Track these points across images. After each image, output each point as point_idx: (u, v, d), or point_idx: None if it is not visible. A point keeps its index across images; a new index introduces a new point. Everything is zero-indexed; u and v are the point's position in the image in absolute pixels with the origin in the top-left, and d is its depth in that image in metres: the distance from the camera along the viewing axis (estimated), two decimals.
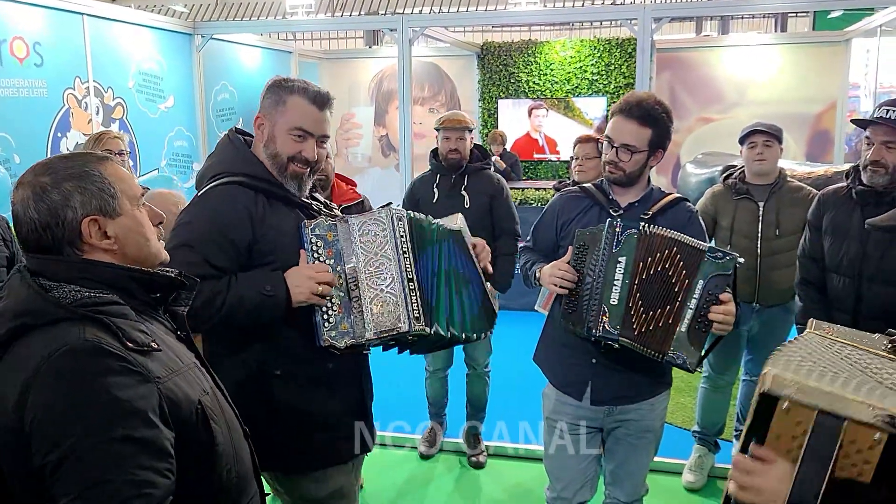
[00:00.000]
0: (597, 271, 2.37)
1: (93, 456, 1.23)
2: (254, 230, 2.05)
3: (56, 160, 1.45)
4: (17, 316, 1.33)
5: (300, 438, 2.14)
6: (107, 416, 1.25)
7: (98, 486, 1.22)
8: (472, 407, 4.15)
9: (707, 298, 2.24)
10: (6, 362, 1.32)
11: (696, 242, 2.29)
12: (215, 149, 2.26)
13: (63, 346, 1.28)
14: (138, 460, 1.26)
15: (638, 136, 2.44)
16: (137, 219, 1.50)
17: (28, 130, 5.44)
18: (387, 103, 10.14)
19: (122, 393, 1.27)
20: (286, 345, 2.11)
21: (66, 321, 1.32)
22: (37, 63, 5.52)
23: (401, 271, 2.10)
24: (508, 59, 9.72)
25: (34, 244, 1.42)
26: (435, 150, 4.04)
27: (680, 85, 8.91)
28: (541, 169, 9.97)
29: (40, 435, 1.25)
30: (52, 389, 1.25)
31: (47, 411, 1.25)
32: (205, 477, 1.43)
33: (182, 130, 7.30)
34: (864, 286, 2.77)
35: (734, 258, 2.26)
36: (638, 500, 2.68)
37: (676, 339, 2.26)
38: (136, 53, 6.66)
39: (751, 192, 3.61)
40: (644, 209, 2.50)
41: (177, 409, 1.37)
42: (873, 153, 2.73)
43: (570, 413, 2.59)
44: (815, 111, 8.54)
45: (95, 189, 1.42)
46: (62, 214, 1.39)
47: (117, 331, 1.34)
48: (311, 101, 2.10)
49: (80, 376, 1.26)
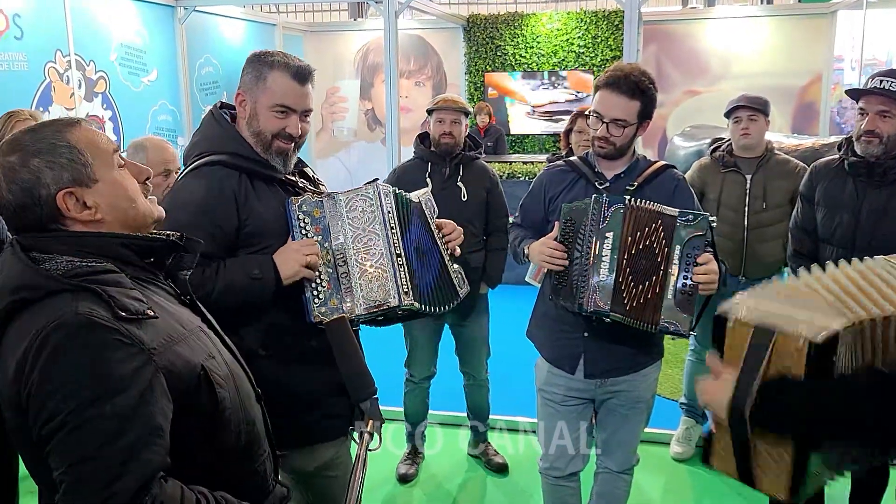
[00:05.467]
0: (584, 247, 2.37)
1: (83, 431, 1.23)
2: (239, 214, 2.05)
3: (22, 135, 1.39)
4: (13, 291, 1.32)
5: (286, 416, 2.14)
6: (98, 391, 1.24)
7: (87, 461, 1.23)
8: (476, 416, 3.94)
9: (687, 262, 2.27)
10: (8, 338, 1.31)
11: (667, 209, 2.31)
12: (200, 125, 2.23)
13: (58, 320, 1.26)
14: (128, 437, 1.25)
15: (628, 110, 2.43)
16: (118, 181, 1.44)
17: (9, 105, 5.31)
18: (372, 77, 10.06)
19: (114, 367, 1.26)
20: (271, 323, 2.11)
21: (60, 293, 1.31)
22: (17, 36, 5.42)
23: (389, 246, 2.11)
24: (495, 31, 9.65)
25: (17, 224, 1.40)
26: (422, 136, 3.69)
27: (666, 57, 8.89)
28: (528, 142, 9.95)
29: (35, 409, 1.25)
30: (44, 365, 1.25)
31: (40, 386, 1.25)
32: (210, 441, 1.43)
33: (166, 104, 7.21)
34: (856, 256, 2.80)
35: (705, 217, 2.28)
36: (629, 469, 2.72)
37: (665, 307, 2.29)
38: (118, 26, 6.54)
39: (738, 164, 3.62)
40: (630, 180, 2.50)
41: (175, 379, 1.36)
42: (868, 123, 2.74)
43: (561, 384, 2.62)
44: (801, 84, 8.54)
45: (65, 161, 1.37)
46: (36, 193, 1.36)
47: (109, 300, 1.31)
48: (292, 76, 2.07)
49: (72, 351, 1.25)
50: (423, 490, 3.71)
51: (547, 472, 2.73)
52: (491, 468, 3.85)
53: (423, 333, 3.68)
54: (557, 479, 2.71)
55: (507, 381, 4.34)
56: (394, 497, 3.65)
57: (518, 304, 4.72)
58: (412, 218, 2.24)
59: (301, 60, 2.11)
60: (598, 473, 2.76)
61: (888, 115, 2.71)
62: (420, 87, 9.90)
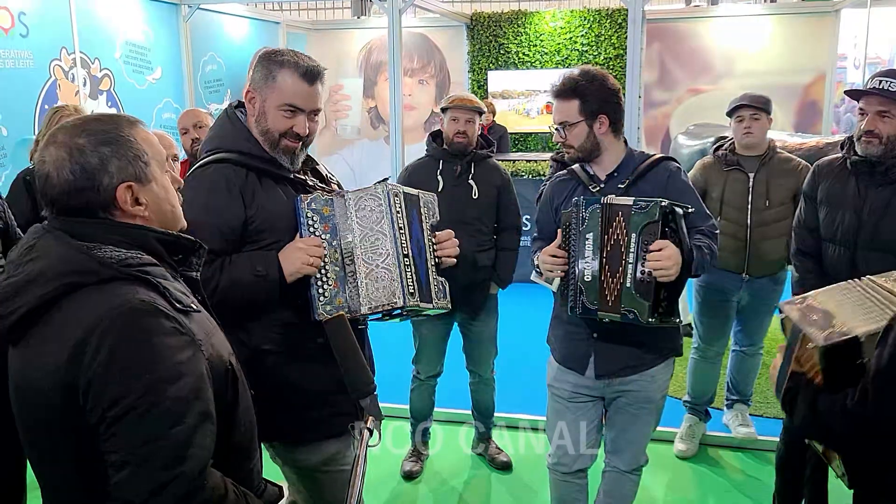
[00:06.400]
0: (572, 251, 2.43)
1: (149, 415, 1.27)
2: (246, 210, 2.07)
3: (90, 122, 1.44)
4: (62, 275, 1.33)
5: (291, 412, 2.16)
6: (163, 376, 1.28)
7: (149, 444, 1.26)
8: (481, 414, 3.95)
9: (644, 250, 2.29)
10: (56, 320, 1.32)
11: (624, 200, 2.36)
12: (214, 123, 2.29)
13: (122, 305, 1.30)
14: (188, 422, 1.29)
15: (566, 111, 2.51)
16: (165, 185, 1.51)
17: (15, 102, 5.38)
18: (376, 75, 10.06)
19: (176, 354, 1.31)
20: (279, 320, 2.13)
21: (116, 280, 1.34)
22: (22, 33, 5.44)
23: (396, 247, 2.12)
24: (498, 29, 9.65)
25: (63, 206, 1.41)
26: (435, 134, 3.69)
27: (669, 56, 8.88)
28: (531, 140, 9.95)
29: (99, 391, 1.27)
30: (112, 348, 1.27)
31: (107, 368, 1.27)
32: (223, 438, 1.45)
33: (170, 102, 7.22)
34: (859, 255, 2.82)
35: (657, 203, 2.29)
36: (637, 469, 2.73)
37: (624, 295, 2.32)
38: (122, 24, 6.56)
39: (741, 163, 3.63)
40: (622, 178, 2.53)
41: (213, 371, 1.40)
42: (867, 123, 2.75)
43: (571, 381, 2.64)
44: (804, 82, 8.53)
45: (132, 155, 1.42)
46: (98, 179, 1.39)
47: (164, 291, 1.36)
48: (301, 76, 2.09)
49: (140, 336, 1.29)
50: (428, 487, 3.72)
51: (554, 468, 2.75)
52: (495, 466, 3.86)
53: (432, 332, 3.68)
54: (564, 474, 2.73)
55: (512, 379, 4.35)
56: (399, 494, 3.67)
57: (524, 303, 4.76)
58: (413, 215, 2.24)
59: (311, 60, 2.13)
60: (605, 472, 2.77)
61: (887, 115, 2.71)
62: (423, 85, 9.90)
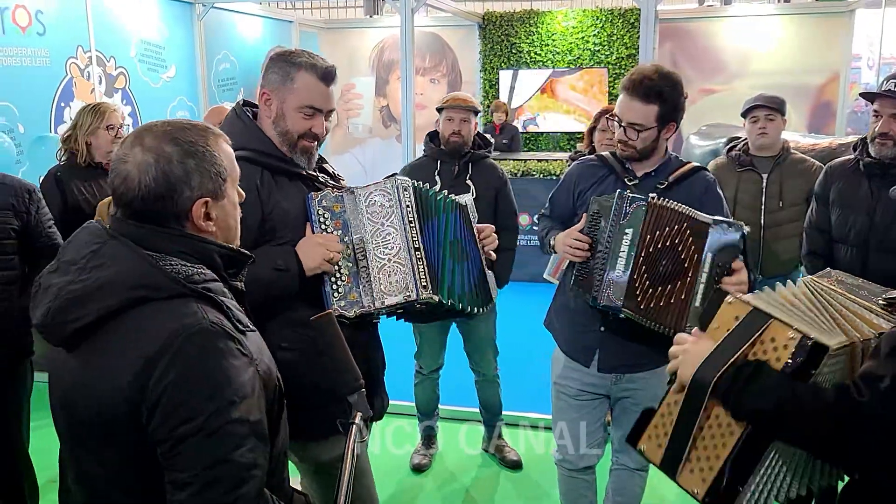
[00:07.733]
0: (605, 241, 2.39)
1: (218, 435, 1.27)
2: (262, 208, 2.08)
3: (179, 130, 1.41)
4: (132, 287, 1.31)
5: (305, 409, 2.17)
6: (230, 396, 1.28)
7: (217, 465, 1.26)
8: (488, 412, 3.96)
9: (718, 271, 2.21)
10: (119, 331, 1.31)
11: (701, 215, 2.27)
12: (223, 122, 2.27)
13: (193, 326, 1.29)
14: (250, 442, 1.30)
15: (644, 114, 2.43)
16: (234, 202, 1.50)
17: (31, 100, 5.43)
18: (387, 73, 10.09)
19: (240, 375, 1.31)
20: (294, 318, 2.13)
21: (183, 297, 1.33)
22: (39, 32, 5.49)
23: (407, 241, 2.14)
24: (510, 29, 9.66)
25: (137, 211, 1.39)
26: (433, 134, 3.72)
27: (682, 56, 8.86)
28: (542, 140, 9.95)
29: (170, 409, 1.26)
30: (186, 366, 1.27)
31: (180, 386, 1.26)
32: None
33: (184, 101, 7.27)
34: (870, 256, 2.82)
35: (740, 227, 2.24)
36: (645, 466, 2.72)
37: (691, 314, 2.23)
38: (137, 22, 6.61)
39: (755, 163, 3.63)
40: (660, 179, 2.50)
41: (266, 388, 1.41)
42: (881, 126, 2.75)
43: (577, 378, 2.64)
44: (818, 83, 8.49)
45: (213, 172, 1.42)
46: (179, 190, 1.38)
47: (227, 311, 1.36)
48: (319, 77, 2.11)
49: (212, 358, 1.29)
50: (436, 482, 3.74)
51: (561, 464, 2.76)
52: (505, 464, 3.87)
53: (430, 328, 3.71)
54: (571, 471, 2.74)
55: (517, 377, 4.37)
56: (408, 488, 3.69)
57: (524, 302, 4.76)
58: (459, 220, 2.30)
59: (324, 60, 2.14)
60: (613, 469, 2.77)
61: None
62: (435, 84, 9.93)
